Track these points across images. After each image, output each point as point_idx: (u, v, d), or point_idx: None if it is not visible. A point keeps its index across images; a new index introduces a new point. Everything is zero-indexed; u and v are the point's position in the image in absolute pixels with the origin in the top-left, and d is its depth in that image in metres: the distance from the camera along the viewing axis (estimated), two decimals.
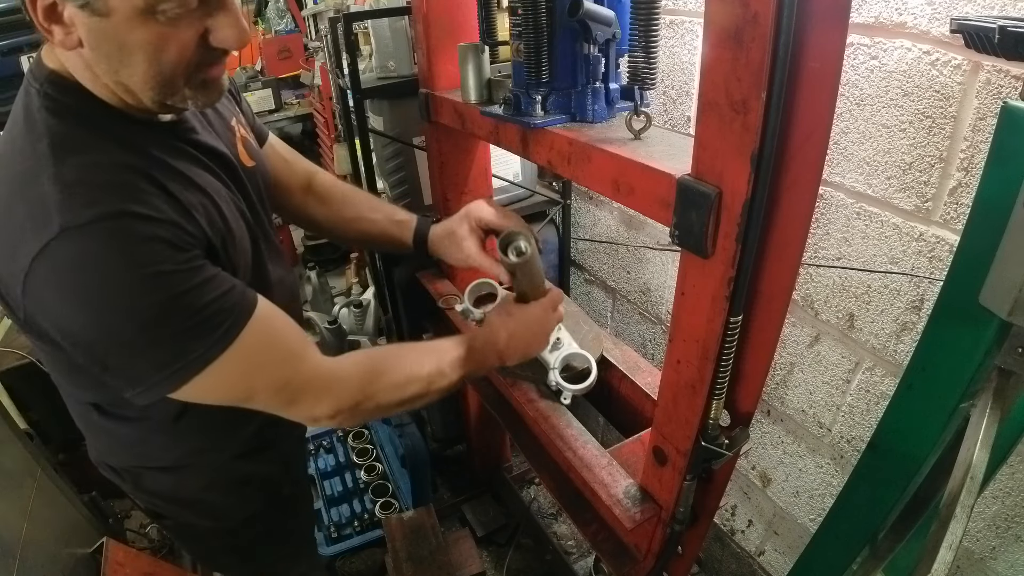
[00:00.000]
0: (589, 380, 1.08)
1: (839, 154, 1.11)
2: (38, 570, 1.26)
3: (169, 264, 0.63)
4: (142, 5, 0.59)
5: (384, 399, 0.84)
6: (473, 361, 0.93)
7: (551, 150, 0.92)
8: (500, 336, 0.97)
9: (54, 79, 0.68)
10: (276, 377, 0.75)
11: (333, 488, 2.12)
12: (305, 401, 0.78)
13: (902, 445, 0.73)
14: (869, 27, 0.99)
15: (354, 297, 2.99)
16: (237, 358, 0.69)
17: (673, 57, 1.38)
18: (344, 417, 0.81)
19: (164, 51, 0.63)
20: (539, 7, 0.86)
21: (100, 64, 0.64)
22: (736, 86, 0.57)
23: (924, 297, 1.05)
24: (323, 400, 0.79)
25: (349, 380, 0.81)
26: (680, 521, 0.90)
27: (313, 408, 0.79)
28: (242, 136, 0.90)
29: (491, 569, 1.92)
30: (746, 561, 1.70)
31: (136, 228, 0.62)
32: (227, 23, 0.65)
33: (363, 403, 0.82)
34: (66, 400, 0.90)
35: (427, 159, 1.48)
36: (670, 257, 1.62)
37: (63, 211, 0.60)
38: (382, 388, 0.84)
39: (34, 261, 0.60)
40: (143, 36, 0.61)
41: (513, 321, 0.99)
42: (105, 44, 0.62)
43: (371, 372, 0.84)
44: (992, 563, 1.09)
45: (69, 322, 0.64)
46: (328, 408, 0.79)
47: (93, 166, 0.64)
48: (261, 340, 0.72)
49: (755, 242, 0.63)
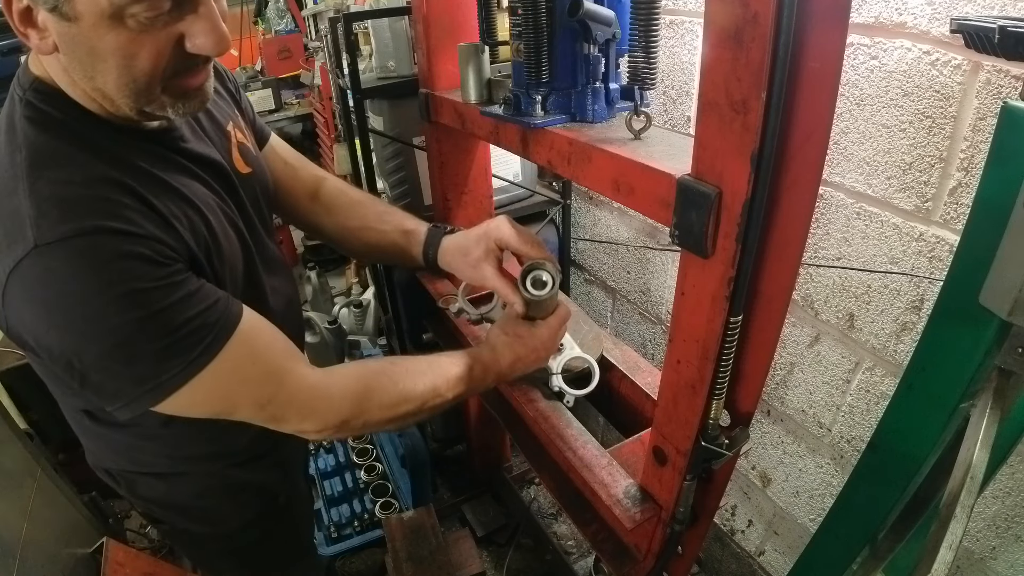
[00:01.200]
0: (592, 384, 1.08)
1: (839, 154, 1.11)
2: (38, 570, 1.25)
3: (145, 281, 0.62)
4: (109, 10, 0.56)
5: (373, 418, 0.82)
6: (473, 380, 0.90)
7: (551, 150, 0.92)
8: (504, 359, 0.94)
9: (37, 86, 0.66)
10: (259, 393, 0.74)
11: (333, 488, 2.12)
12: (290, 417, 0.77)
13: (902, 445, 0.73)
14: (869, 27, 0.99)
15: (354, 297, 2.99)
16: (218, 373, 0.68)
17: (673, 57, 1.38)
18: (331, 433, 0.80)
19: (136, 58, 0.60)
20: (539, 7, 0.86)
21: (75, 70, 0.63)
22: (736, 86, 0.57)
23: (924, 297, 1.05)
24: (308, 417, 0.78)
25: (338, 398, 0.79)
26: (680, 521, 0.90)
27: (299, 424, 0.77)
28: (239, 142, 0.88)
29: (491, 569, 1.92)
30: (746, 561, 1.70)
31: (110, 245, 0.61)
32: (203, 29, 0.62)
33: (351, 421, 0.80)
34: (60, 406, 0.89)
35: (427, 159, 1.48)
36: (670, 257, 1.62)
37: (36, 227, 0.59)
38: (372, 407, 0.82)
39: (9, 276, 0.60)
40: (113, 42, 0.59)
41: (520, 345, 0.95)
42: (77, 49, 0.60)
43: (362, 391, 0.81)
44: (992, 563, 1.09)
45: (46, 338, 0.63)
46: (314, 425, 0.78)
47: (68, 182, 0.62)
48: (244, 355, 0.70)
49: (755, 242, 0.63)
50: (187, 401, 0.68)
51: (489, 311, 1.23)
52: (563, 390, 1.08)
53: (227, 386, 0.71)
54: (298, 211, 1.08)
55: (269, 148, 1.05)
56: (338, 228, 1.09)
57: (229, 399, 0.72)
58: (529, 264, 0.95)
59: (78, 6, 0.56)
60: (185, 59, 0.64)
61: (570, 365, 1.11)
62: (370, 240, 1.09)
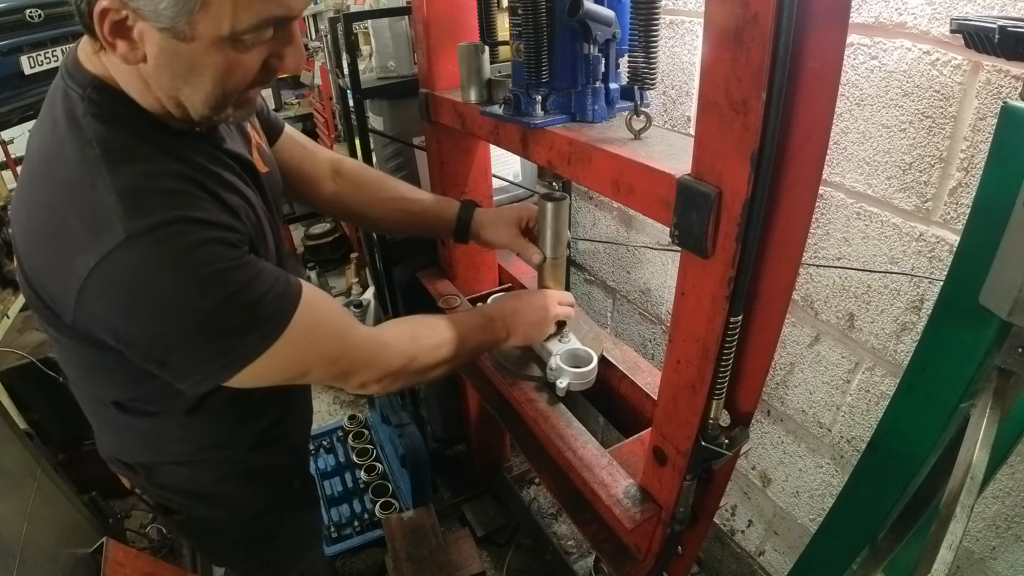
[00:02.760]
0: (590, 366, 1.10)
1: (839, 154, 1.11)
2: (38, 570, 1.25)
3: (225, 262, 0.67)
4: (228, 34, 0.61)
5: (425, 360, 0.91)
6: (486, 330, 1.03)
7: (551, 150, 0.92)
8: (507, 307, 1.08)
9: (98, 84, 0.68)
10: (328, 352, 0.80)
11: (333, 488, 2.12)
12: (358, 369, 0.84)
13: (902, 445, 0.73)
14: (869, 27, 0.99)
15: (354, 297, 2.99)
16: (292, 340, 0.73)
17: (673, 57, 1.38)
18: (389, 381, 0.87)
19: (232, 75, 0.66)
20: (539, 7, 0.86)
21: (162, 80, 0.66)
22: (736, 86, 0.57)
23: (924, 297, 1.05)
24: (372, 367, 0.85)
25: (393, 346, 0.88)
26: (680, 521, 0.90)
27: (365, 375, 0.85)
28: (256, 143, 0.93)
29: (491, 569, 1.92)
30: (746, 561, 1.70)
31: (194, 232, 0.65)
32: (292, 51, 0.69)
33: (408, 365, 0.88)
34: (81, 399, 0.92)
35: (427, 159, 1.48)
36: (670, 257, 1.62)
37: (125, 219, 0.62)
38: (423, 350, 0.91)
39: (95, 268, 0.62)
40: (218, 60, 0.64)
41: (519, 300, 1.12)
42: (176, 64, 0.64)
43: (412, 336, 0.91)
44: (992, 563, 1.09)
45: (130, 324, 0.66)
46: (377, 373, 0.85)
47: (148, 174, 0.66)
48: (311, 320, 0.75)
49: (755, 242, 0.63)
50: (263, 370, 0.72)
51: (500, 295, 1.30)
52: (560, 369, 1.10)
53: (300, 349, 0.76)
54: (321, 191, 1.14)
55: (286, 137, 1.09)
56: (370, 200, 1.17)
57: (303, 362, 0.78)
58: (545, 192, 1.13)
59: (199, 28, 0.60)
60: (264, 74, 0.70)
61: (572, 356, 1.13)
62: (405, 208, 1.19)
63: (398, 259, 1.73)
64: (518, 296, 1.15)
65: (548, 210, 1.12)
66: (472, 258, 1.56)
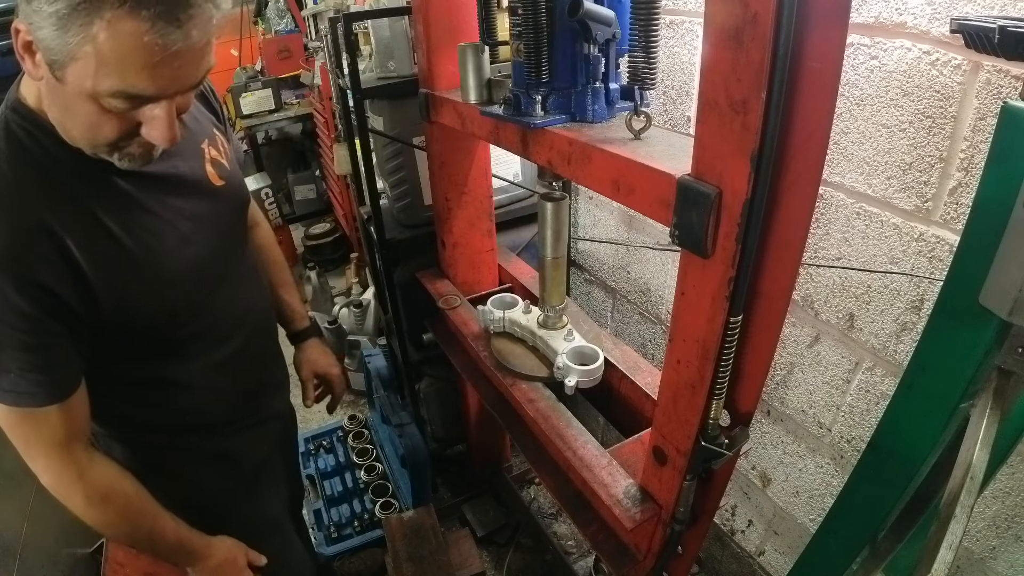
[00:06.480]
0: (597, 363, 1.11)
1: (839, 154, 1.11)
2: (38, 570, 1.25)
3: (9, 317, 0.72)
4: (89, 92, 0.67)
5: (94, 516, 0.88)
6: (175, 553, 0.96)
7: (551, 150, 0.92)
8: (210, 562, 1.00)
9: (18, 106, 0.76)
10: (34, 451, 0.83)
11: (333, 488, 2.12)
12: (38, 471, 0.85)
13: (902, 445, 0.73)
14: (869, 27, 0.99)
15: (354, 297, 2.99)
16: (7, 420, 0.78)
17: (673, 57, 1.38)
18: (62, 495, 0.86)
19: (100, 127, 0.71)
20: (539, 7, 0.86)
21: (51, 107, 0.73)
22: (736, 86, 0.57)
23: (924, 297, 1.05)
24: (53, 484, 0.85)
25: (88, 484, 0.86)
26: (680, 521, 0.90)
27: (43, 478, 0.85)
28: (212, 158, 0.96)
29: (491, 569, 1.92)
30: (746, 561, 1.70)
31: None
32: (158, 125, 0.72)
33: (76, 502, 0.86)
34: None
35: (427, 159, 1.48)
36: (670, 257, 1.62)
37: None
38: (109, 509, 0.88)
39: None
40: (85, 111, 0.69)
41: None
42: (56, 97, 0.71)
43: (112, 493, 0.88)
44: (992, 563, 1.09)
45: None
46: (51, 485, 0.85)
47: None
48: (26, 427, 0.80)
49: (755, 242, 0.63)
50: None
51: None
52: (567, 368, 1.10)
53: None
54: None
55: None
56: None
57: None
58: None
59: (68, 75, 0.66)
60: (133, 138, 0.74)
61: (578, 353, 1.13)
62: (274, 292, 1.25)
63: (398, 259, 1.73)
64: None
65: (548, 210, 1.12)
66: (472, 258, 1.56)
